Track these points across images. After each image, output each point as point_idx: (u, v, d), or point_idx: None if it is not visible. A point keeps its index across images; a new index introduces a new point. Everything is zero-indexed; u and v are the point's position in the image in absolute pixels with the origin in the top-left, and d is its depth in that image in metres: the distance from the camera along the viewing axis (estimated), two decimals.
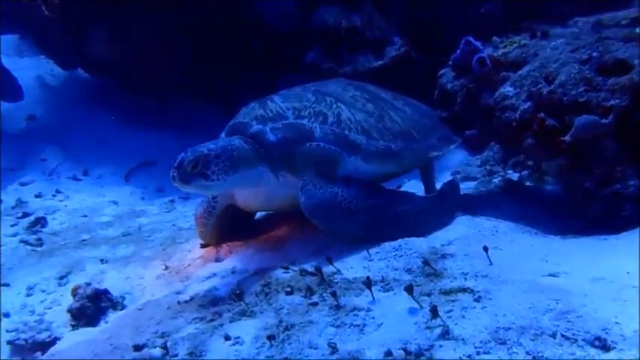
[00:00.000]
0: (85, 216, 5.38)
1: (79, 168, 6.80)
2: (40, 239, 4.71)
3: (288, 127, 3.44)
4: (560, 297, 2.33)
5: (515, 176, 5.85)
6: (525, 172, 5.87)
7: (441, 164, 6.63)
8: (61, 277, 3.84)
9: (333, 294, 2.67)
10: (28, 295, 3.64)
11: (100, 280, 3.70)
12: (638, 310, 2.16)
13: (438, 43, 7.76)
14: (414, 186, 5.20)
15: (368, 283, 2.63)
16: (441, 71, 4.40)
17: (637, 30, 3.75)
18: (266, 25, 7.75)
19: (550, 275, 2.56)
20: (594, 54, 3.32)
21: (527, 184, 5.31)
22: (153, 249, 4.17)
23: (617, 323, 2.12)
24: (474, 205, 3.96)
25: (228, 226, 3.90)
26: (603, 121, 3.09)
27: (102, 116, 8.18)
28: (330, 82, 4.08)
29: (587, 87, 3.22)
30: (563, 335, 2.12)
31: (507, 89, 3.64)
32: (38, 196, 5.89)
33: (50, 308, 3.47)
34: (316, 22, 7.15)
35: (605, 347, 2.04)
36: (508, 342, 2.14)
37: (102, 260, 4.06)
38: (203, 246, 3.87)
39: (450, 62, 4.30)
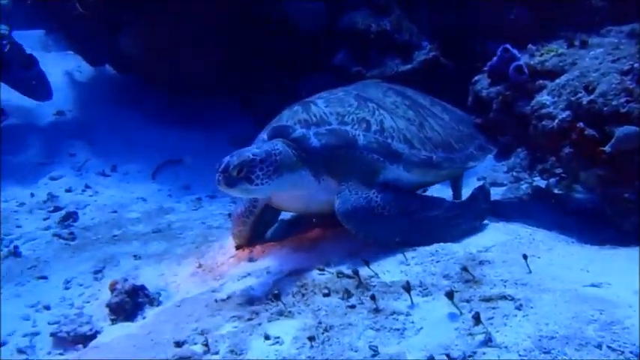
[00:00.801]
0: (115, 212, 5.46)
1: (106, 164, 6.86)
2: (72, 233, 4.79)
3: (331, 133, 3.45)
4: (603, 308, 2.33)
5: (542, 183, 5.84)
6: (553, 180, 5.85)
7: None
8: (97, 272, 3.92)
9: (372, 297, 2.68)
10: (66, 289, 3.73)
11: (135, 275, 3.76)
12: None
13: (466, 49, 7.78)
14: (439, 190, 5.21)
15: (407, 287, 2.64)
16: (475, 77, 4.41)
17: None
18: (292, 26, 7.79)
19: (592, 285, 2.56)
20: (636, 65, 3.31)
21: (556, 191, 5.30)
22: (185, 246, 4.23)
23: None
24: (506, 212, 3.98)
25: (260, 228, 3.95)
26: None
27: (129, 113, 8.26)
28: (370, 86, 4.08)
29: (628, 98, 3.21)
30: (609, 347, 2.11)
31: (545, 98, 3.65)
32: (68, 190, 5.98)
33: (88, 302, 3.55)
34: (344, 25, 7.18)
35: None
36: (552, 351, 2.13)
37: (135, 256, 4.13)
38: (237, 247, 3.91)
39: (486, 69, 4.31)
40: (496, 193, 5.37)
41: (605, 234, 3.41)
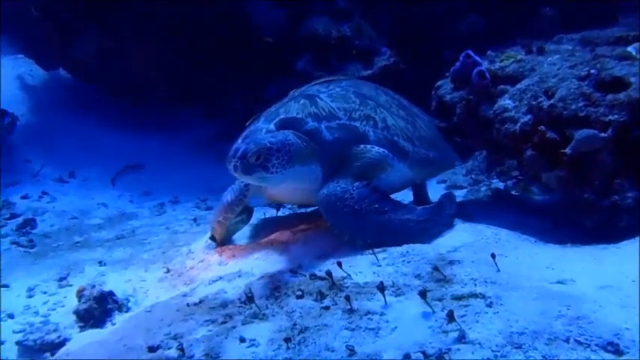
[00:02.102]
0: (75, 218, 5.37)
1: (64, 170, 6.74)
2: (31, 241, 4.68)
3: (343, 128, 3.55)
4: (570, 303, 2.42)
5: (500, 185, 6.00)
6: (510, 182, 6.03)
7: None
8: (61, 279, 3.84)
9: (347, 298, 2.71)
10: (30, 297, 3.63)
11: (101, 282, 3.70)
12: None
13: (424, 54, 7.96)
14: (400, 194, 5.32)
15: (381, 287, 2.68)
16: (438, 83, 4.50)
17: (628, 49, 3.91)
18: (255, 33, 7.82)
19: (558, 282, 2.65)
20: (593, 71, 3.45)
21: (514, 193, 5.45)
22: (151, 252, 4.18)
23: (627, 329, 2.21)
24: (469, 213, 4.06)
25: (230, 230, 3.95)
26: (602, 135, 3.22)
27: (85, 118, 8.12)
28: (359, 84, 4.21)
29: (586, 102, 3.35)
30: (576, 340, 2.20)
31: (506, 102, 3.76)
32: (25, 197, 5.86)
33: (54, 309, 3.46)
34: (306, 31, 7.27)
35: (618, 352, 2.12)
36: (524, 346, 2.20)
37: (100, 262, 4.06)
38: (213, 238, 3.91)
39: (448, 74, 4.41)
40: (458, 196, 5.47)
41: (565, 233, 3.54)
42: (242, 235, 4.09)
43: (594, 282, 2.60)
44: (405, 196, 4.81)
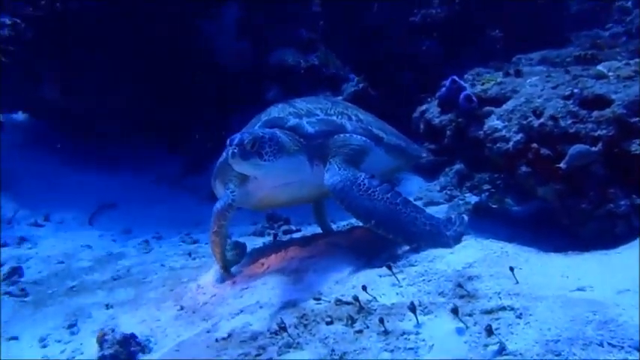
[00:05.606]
0: (62, 262, 5.25)
1: (37, 214, 6.58)
2: (23, 289, 4.54)
3: (322, 122, 3.88)
4: (595, 309, 2.57)
5: (473, 199, 6.23)
6: (484, 195, 6.29)
7: (402, 191, 6.95)
8: (70, 326, 3.76)
9: (381, 320, 2.79)
10: (44, 347, 3.55)
11: (114, 325, 3.64)
12: None
13: (385, 79, 8.22)
14: None
15: (412, 307, 2.78)
16: (423, 107, 4.70)
17: (599, 68, 4.19)
18: (219, 66, 7.91)
19: (578, 290, 2.80)
20: (575, 90, 3.71)
21: (491, 205, 5.68)
22: (157, 290, 4.15)
23: None
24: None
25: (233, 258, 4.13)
26: (593, 149, 3.46)
27: (49, 159, 7.97)
28: (324, 97, 4.57)
29: (574, 119, 3.59)
30: (609, 343, 2.35)
31: (495, 122, 3.97)
32: (4, 245, 5.67)
33: (73, 357, 3.39)
34: (275, 62, 7.44)
35: None
36: (562, 353, 2.34)
37: (107, 305, 3.99)
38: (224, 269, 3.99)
39: (430, 99, 4.64)
40: (439, 212, 5.66)
41: (558, 242, 3.74)
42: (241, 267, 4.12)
43: (611, 287, 2.77)
44: None
